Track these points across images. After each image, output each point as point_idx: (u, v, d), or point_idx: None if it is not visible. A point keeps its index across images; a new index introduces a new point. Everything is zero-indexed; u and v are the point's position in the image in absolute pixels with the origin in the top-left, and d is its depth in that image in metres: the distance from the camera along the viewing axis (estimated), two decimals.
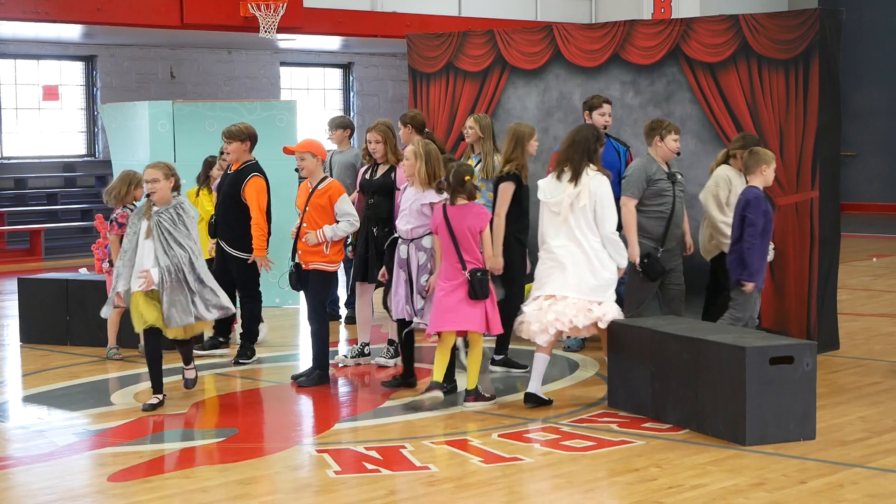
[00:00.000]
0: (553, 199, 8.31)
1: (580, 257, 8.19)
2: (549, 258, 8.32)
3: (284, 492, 6.59)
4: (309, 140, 9.24)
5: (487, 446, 7.38)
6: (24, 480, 6.89)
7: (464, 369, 8.67)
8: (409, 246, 8.69)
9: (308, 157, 9.04)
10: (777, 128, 10.21)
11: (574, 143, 8.33)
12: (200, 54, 22.07)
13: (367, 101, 24.44)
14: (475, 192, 8.47)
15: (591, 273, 8.19)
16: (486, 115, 10.80)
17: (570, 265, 8.19)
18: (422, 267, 8.65)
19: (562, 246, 8.24)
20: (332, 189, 9.06)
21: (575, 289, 8.19)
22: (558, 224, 8.27)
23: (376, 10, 20.00)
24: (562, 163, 8.37)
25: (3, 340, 11.50)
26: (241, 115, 13.14)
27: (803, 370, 7.39)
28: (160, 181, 8.23)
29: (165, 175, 8.25)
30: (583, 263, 8.18)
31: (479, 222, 8.38)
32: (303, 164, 9.06)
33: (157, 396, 8.45)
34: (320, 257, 9.01)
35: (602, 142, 8.50)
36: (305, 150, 9.05)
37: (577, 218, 8.20)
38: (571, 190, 8.21)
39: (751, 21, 10.36)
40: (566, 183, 8.26)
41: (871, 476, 6.77)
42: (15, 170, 20.22)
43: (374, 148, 9.61)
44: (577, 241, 8.20)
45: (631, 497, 6.42)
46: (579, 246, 8.20)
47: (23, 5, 16.16)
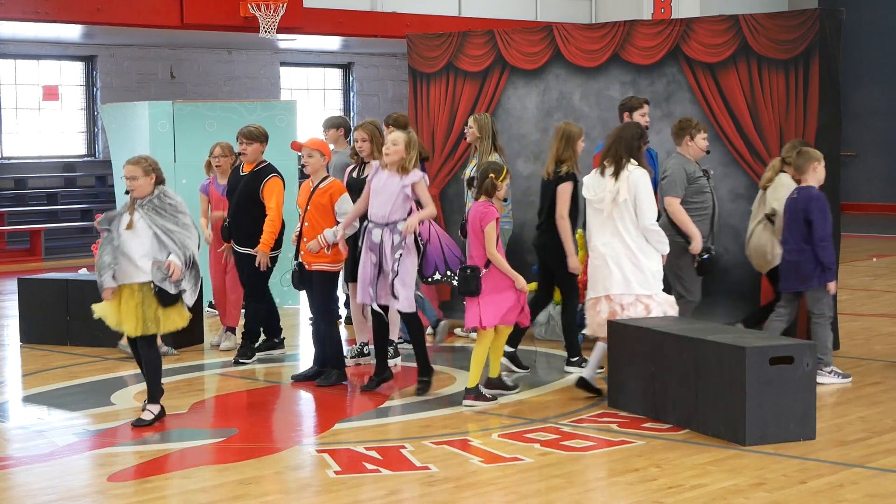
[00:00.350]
0: (596, 195, 8.43)
1: (623, 252, 8.35)
2: (595, 256, 8.51)
3: (284, 492, 6.59)
4: (319, 139, 9.30)
5: (487, 446, 7.38)
6: (24, 480, 6.89)
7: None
8: (382, 230, 8.66)
9: (316, 154, 9.06)
10: (777, 128, 10.21)
11: (618, 139, 8.46)
12: (200, 54, 22.07)
13: (367, 101, 24.44)
14: (493, 190, 8.48)
15: (637, 267, 8.34)
16: (486, 114, 10.82)
17: (613, 262, 8.36)
18: (395, 246, 8.60)
19: (606, 243, 8.41)
20: (334, 188, 9.07)
21: (622, 285, 8.35)
22: (603, 221, 8.43)
23: (376, 10, 20.00)
24: (604, 159, 8.49)
25: (3, 340, 11.50)
26: (241, 115, 13.15)
27: (803, 370, 7.39)
28: (138, 178, 7.86)
29: (145, 171, 7.86)
30: (626, 258, 8.34)
31: (481, 219, 8.38)
32: (309, 160, 9.06)
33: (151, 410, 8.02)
34: (323, 258, 9.01)
35: (646, 140, 8.65)
36: (315, 148, 9.08)
37: (619, 213, 8.34)
38: (612, 185, 8.35)
39: (751, 21, 10.36)
40: (608, 178, 8.38)
41: (871, 476, 6.77)
42: (15, 170, 20.23)
43: (361, 146, 9.64)
44: (620, 237, 8.36)
45: (631, 497, 6.42)
46: (622, 241, 8.36)
47: (23, 5, 16.16)
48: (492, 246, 8.36)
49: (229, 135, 12.83)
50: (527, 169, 11.75)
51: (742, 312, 10.39)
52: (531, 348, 10.69)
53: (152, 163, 7.96)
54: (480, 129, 10.49)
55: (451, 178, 12.18)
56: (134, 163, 7.90)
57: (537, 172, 11.65)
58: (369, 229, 8.73)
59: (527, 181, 11.75)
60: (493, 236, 8.36)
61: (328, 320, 9.13)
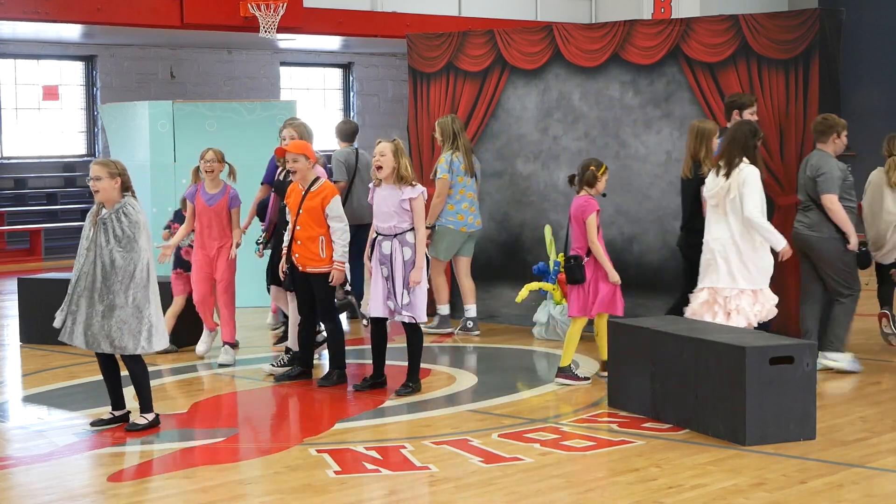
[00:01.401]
0: (710, 192, 8.81)
1: (732, 248, 8.67)
2: (706, 250, 8.84)
3: (284, 492, 6.59)
4: (303, 142, 9.20)
5: (487, 446, 7.38)
6: (24, 480, 6.89)
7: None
8: (391, 242, 8.66)
9: (301, 159, 8.92)
10: (777, 128, 10.22)
11: (732, 140, 8.77)
12: (200, 54, 22.06)
13: (367, 101, 24.44)
14: (594, 182, 8.95)
15: (743, 263, 8.66)
16: (448, 116, 11.05)
17: (720, 257, 8.70)
18: (407, 262, 8.62)
19: (717, 239, 8.74)
20: (326, 191, 8.99)
21: (727, 279, 8.67)
22: (718, 217, 8.76)
23: (376, 10, 19.99)
24: (720, 158, 8.85)
25: (3, 340, 11.50)
26: (241, 115, 13.15)
27: (803, 370, 7.39)
28: (102, 179, 7.56)
29: (110, 174, 7.59)
30: (734, 254, 8.66)
31: (582, 212, 8.88)
32: (296, 165, 8.93)
33: (145, 417, 7.93)
34: (317, 261, 8.98)
35: (760, 137, 8.88)
36: (300, 152, 8.95)
37: (729, 209, 8.67)
38: (724, 183, 8.70)
39: (751, 21, 10.36)
40: (721, 177, 8.75)
41: (871, 476, 6.77)
42: (15, 170, 20.23)
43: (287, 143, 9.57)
44: (730, 233, 8.68)
45: (631, 497, 6.42)
46: (731, 237, 8.68)
47: (23, 5, 16.15)
48: (593, 236, 8.87)
49: (229, 135, 12.88)
50: (527, 169, 11.75)
51: None
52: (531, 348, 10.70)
53: (120, 167, 7.69)
54: (442, 132, 10.79)
55: None
56: (101, 163, 7.65)
57: (537, 172, 11.68)
58: (378, 241, 8.72)
59: (527, 181, 11.76)
60: (595, 227, 8.86)
61: (331, 320, 9.13)
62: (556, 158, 11.57)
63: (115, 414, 7.97)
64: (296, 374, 9.33)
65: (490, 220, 11.98)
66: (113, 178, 7.58)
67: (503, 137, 11.90)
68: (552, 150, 11.59)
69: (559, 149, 11.54)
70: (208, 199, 9.90)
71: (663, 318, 8.56)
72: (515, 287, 11.28)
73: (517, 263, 11.74)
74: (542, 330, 11.00)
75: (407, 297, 8.58)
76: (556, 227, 11.37)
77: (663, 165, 10.93)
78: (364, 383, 8.96)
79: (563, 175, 11.49)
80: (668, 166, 10.90)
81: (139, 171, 13.16)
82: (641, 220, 11.08)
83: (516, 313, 11.59)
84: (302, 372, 9.33)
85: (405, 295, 8.59)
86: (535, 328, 11.10)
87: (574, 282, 8.94)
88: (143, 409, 7.90)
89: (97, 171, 7.58)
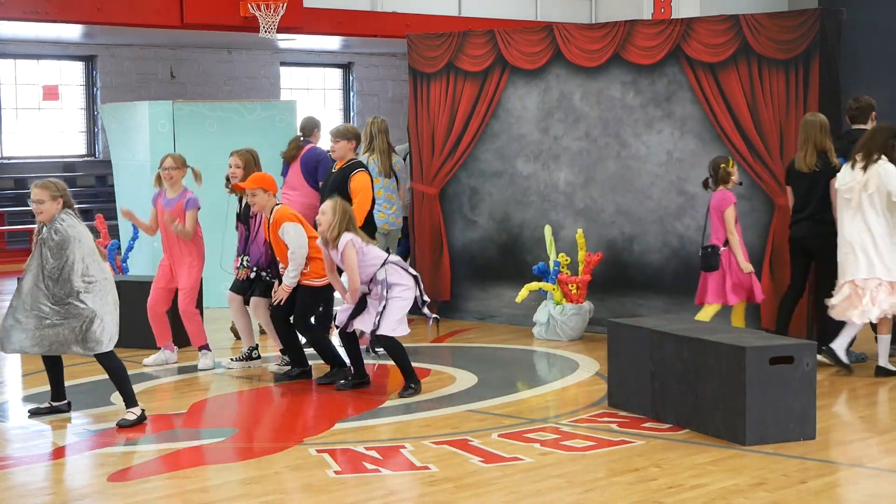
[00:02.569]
0: (844, 185, 9.11)
1: (868, 240, 9.02)
2: (843, 244, 9.17)
3: (284, 492, 6.59)
4: (260, 175, 9.27)
5: (487, 446, 7.37)
6: (24, 480, 6.89)
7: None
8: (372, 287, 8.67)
9: (259, 192, 9.11)
10: (777, 128, 10.22)
11: (872, 137, 9.13)
12: (200, 54, 22.07)
13: (367, 101, 24.44)
14: (727, 177, 9.56)
15: (880, 254, 9.02)
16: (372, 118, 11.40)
17: (859, 249, 9.05)
18: (380, 296, 8.59)
19: (853, 233, 9.08)
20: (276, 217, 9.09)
21: (866, 270, 9.02)
22: (852, 211, 9.08)
23: (376, 10, 19.99)
24: (856, 152, 9.14)
25: None
26: (241, 115, 13.15)
27: (803, 370, 7.39)
28: (45, 202, 7.79)
29: (52, 196, 7.81)
30: (871, 245, 9.02)
31: (720, 205, 9.47)
32: (254, 199, 9.12)
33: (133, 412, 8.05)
34: (303, 275, 9.06)
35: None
36: (257, 187, 9.10)
37: (866, 203, 9.00)
38: (861, 177, 9.02)
39: (751, 21, 10.36)
40: (857, 170, 9.05)
41: (871, 476, 6.77)
42: (15, 170, 20.23)
43: (234, 173, 9.68)
44: (866, 226, 9.04)
45: (631, 497, 6.42)
46: (868, 230, 9.02)
47: (23, 5, 16.15)
48: (731, 226, 9.45)
49: (229, 135, 12.89)
50: (527, 169, 11.75)
51: None
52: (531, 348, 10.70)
53: (61, 187, 7.89)
54: (366, 135, 11.10)
55: (450, 178, 12.18)
56: (41, 186, 7.85)
57: (537, 172, 11.67)
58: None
59: (527, 181, 11.76)
60: (732, 219, 9.45)
61: (307, 330, 9.17)
62: (557, 158, 11.56)
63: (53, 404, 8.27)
64: (295, 374, 9.35)
65: (490, 220, 11.99)
66: (55, 200, 7.83)
67: (503, 137, 11.90)
68: (553, 150, 11.59)
69: (560, 149, 11.54)
70: (166, 203, 9.87)
71: (663, 318, 8.57)
72: (515, 287, 11.28)
73: (517, 263, 11.75)
74: (542, 330, 11.00)
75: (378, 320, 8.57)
76: (556, 227, 11.37)
77: (664, 165, 10.93)
78: (347, 383, 8.98)
79: (564, 175, 11.50)
80: (668, 166, 10.90)
81: (139, 171, 13.17)
82: (642, 219, 11.08)
83: (516, 313, 11.59)
84: (302, 372, 9.35)
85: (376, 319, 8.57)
86: (535, 328, 11.11)
87: (709, 269, 9.55)
88: (128, 405, 8.01)
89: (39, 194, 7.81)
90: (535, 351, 10.61)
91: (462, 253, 12.19)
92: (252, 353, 9.87)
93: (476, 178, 12.06)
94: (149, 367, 9.87)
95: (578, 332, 10.91)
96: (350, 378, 9.02)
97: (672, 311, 10.76)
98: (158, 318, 9.98)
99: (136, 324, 10.22)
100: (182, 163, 9.92)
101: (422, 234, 12.35)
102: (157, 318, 9.97)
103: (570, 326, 10.87)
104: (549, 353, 10.45)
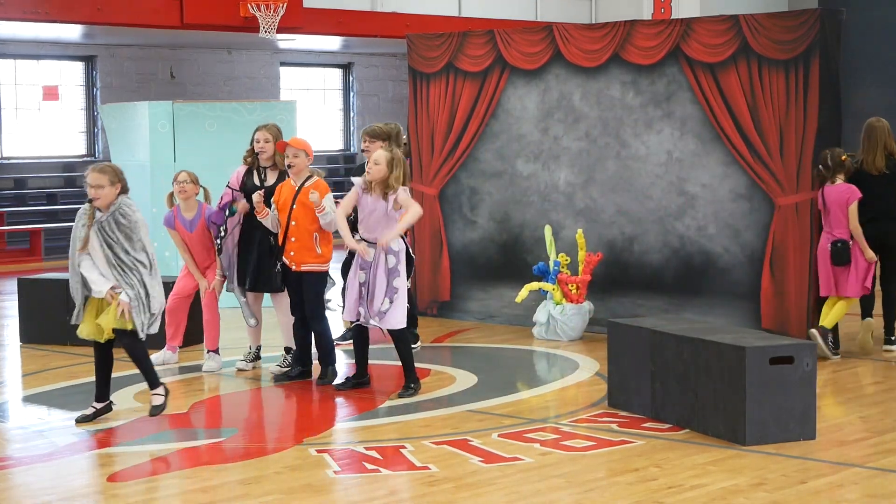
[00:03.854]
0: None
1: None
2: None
3: (284, 492, 6.58)
4: (303, 139, 9.25)
5: (487, 446, 7.37)
6: (24, 480, 6.89)
7: None
8: (376, 250, 8.60)
9: (301, 154, 9.03)
10: (777, 128, 10.22)
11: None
12: (200, 54, 22.07)
13: (367, 101, 24.44)
14: (851, 169, 9.80)
15: None
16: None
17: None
18: (391, 270, 8.59)
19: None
20: (321, 187, 9.03)
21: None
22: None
23: (376, 10, 19.99)
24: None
25: (3, 340, 11.50)
26: (241, 115, 13.14)
27: (803, 370, 7.39)
28: (104, 187, 7.74)
29: (111, 181, 7.77)
30: None
31: (847, 199, 9.67)
32: (295, 160, 9.01)
33: (94, 406, 8.08)
34: (312, 257, 9.01)
35: None
36: (301, 148, 9.04)
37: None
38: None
39: (751, 21, 10.36)
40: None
41: (871, 476, 6.76)
42: (15, 170, 20.23)
43: (263, 147, 9.52)
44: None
45: (631, 497, 6.42)
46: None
47: (23, 5, 16.16)
48: (855, 221, 9.63)
49: (229, 135, 12.88)
50: (527, 169, 11.76)
51: (742, 312, 10.41)
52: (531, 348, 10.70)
53: (118, 171, 7.87)
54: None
55: (450, 178, 12.19)
56: (99, 170, 7.80)
57: (538, 172, 11.68)
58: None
59: (527, 181, 11.76)
60: (856, 212, 9.63)
61: (320, 319, 9.14)
62: (557, 159, 11.56)
63: (97, 407, 8.13)
64: (296, 373, 9.34)
65: (490, 220, 11.99)
66: (114, 185, 7.78)
67: (503, 137, 11.90)
68: (553, 150, 11.59)
69: (560, 149, 11.54)
70: (188, 226, 9.70)
71: (663, 318, 8.56)
72: (515, 287, 11.28)
73: (517, 263, 11.75)
74: (542, 330, 11.00)
75: (388, 304, 8.57)
76: (556, 227, 11.37)
77: (664, 165, 10.93)
78: (347, 383, 8.98)
79: (564, 175, 11.50)
80: (668, 166, 10.90)
81: (139, 171, 13.16)
82: (642, 220, 11.08)
83: (516, 313, 11.59)
84: (302, 372, 9.34)
85: (385, 302, 8.57)
86: (535, 328, 11.11)
87: (841, 264, 9.70)
88: (153, 386, 8.07)
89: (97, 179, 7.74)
90: (535, 351, 10.61)
91: (462, 253, 12.19)
92: (259, 352, 9.86)
93: (476, 178, 12.06)
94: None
95: (578, 332, 10.91)
96: (350, 378, 9.00)
97: (672, 311, 10.77)
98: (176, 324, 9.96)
99: None
100: (196, 179, 9.73)
101: (422, 235, 12.35)
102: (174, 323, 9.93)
103: (570, 326, 10.87)
104: (549, 353, 10.46)
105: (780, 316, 10.23)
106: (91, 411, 8.07)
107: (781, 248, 10.19)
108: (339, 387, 8.97)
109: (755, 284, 10.37)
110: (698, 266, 10.73)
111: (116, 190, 7.79)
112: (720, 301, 10.56)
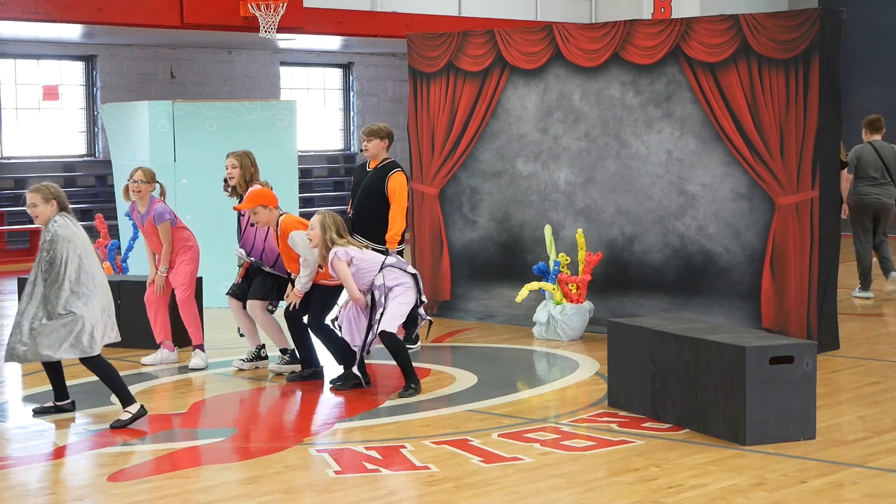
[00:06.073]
0: None
1: None
2: None
3: (284, 492, 6.58)
4: (254, 193, 9.26)
5: (487, 446, 7.37)
6: (24, 480, 6.89)
7: None
8: (370, 294, 8.70)
9: (259, 209, 9.14)
10: (777, 128, 10.22)
11: None
12: (200, 54, 22.07)
13: (367, 101, 24.44)
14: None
15: None
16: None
17: None
18: (377, 303, 8.65)
19: None
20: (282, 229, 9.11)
21: None
22: None
23: (376, 10, 19.99)
24: None
25: (3, 340, 11.49)
26: (241, 115, 13.14)
27: (803, 370, 7.39)
28: (38, 205, 7.92)
29: (45, 199, 7.94)
30: None
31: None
32: (256, 218, 9.16)
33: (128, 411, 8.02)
34: (321, 276, 9.08)
35: None
36: (256, 205, 9.13)
37: None
38: None
39: (751, 21, 10.36)
40: None
41: (871, 476, 6.76)
42: (15, 170, 20.23)
43: (231, 174, 9.63)
44: None
45: (631, 497, 6.42)
46: None
47: (23, 5, 16.16)
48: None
49: (229, 134, 12.88)
50: (527, 169, 11.75)
51: (742, 312, 10.41)
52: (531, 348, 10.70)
53: (53, 189, 8.02)
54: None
55: (450, 178, 12.19)
56: (34, 190, 7.96)
57: (538, 172, 11.67)
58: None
59: (527, 181, 11.76)
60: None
61: (318, 328, 9.16)
62: (557, 158, 11.56)
63: (57, 404, 8.32)
64: (308, 374, 9.32)
65: (490, 220, 11.99)
66: (48, 202, 7.95)
67: (503, 137, 11.90)
68: (552, 150, 11.59)
69: (560, 149, 11.54)
70: (141, 219, 9.99)
71: (663, 318, 8.56)
72: (515, 287, 11.28)
73: (517, 263, 11.75)
74: (542, 330, 11.00)
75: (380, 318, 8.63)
76: (556, 226, 11.37)
77: (664, 165, 10.93)
78: (347, 383, 8.99)
79: (564, 175, 11.50)
80: (668, 166, 10.90)
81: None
82: (642, 219, 11.08)
83: (516, 313, 11.59)
84: (314, 372, 9.32)
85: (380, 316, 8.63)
86: (535, 328, 11.11)
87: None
88: (124, 404, 8.01)
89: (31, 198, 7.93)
90: (535, 351, 10.61)
91: (462, 253, 12.19)
92: (261, 352, 9.86)
93: (476, 178, 12.06)
94: (147, 367, 9.88)
95: (578, 332, 10.91)
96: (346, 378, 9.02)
97: (672, 311, 10.77)
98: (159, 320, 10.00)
99: (136, 324, 10.25)
100: (152, 177, 9.95)
101: (422, 234, 12.35)
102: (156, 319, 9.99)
103: (570, 326, 10.87)
104: (549, 353, 10.45)
105: (780, 316, 10.23)
106: (51, 405, 8.30)
107: (782, 248, 10.19)
108: (339, 387, 8.97)
109: (755, 284, 10.37)
110: (698, 266, 10.73)
111: (52, 207, 7.93)
112: (720, 301, 10.55)
